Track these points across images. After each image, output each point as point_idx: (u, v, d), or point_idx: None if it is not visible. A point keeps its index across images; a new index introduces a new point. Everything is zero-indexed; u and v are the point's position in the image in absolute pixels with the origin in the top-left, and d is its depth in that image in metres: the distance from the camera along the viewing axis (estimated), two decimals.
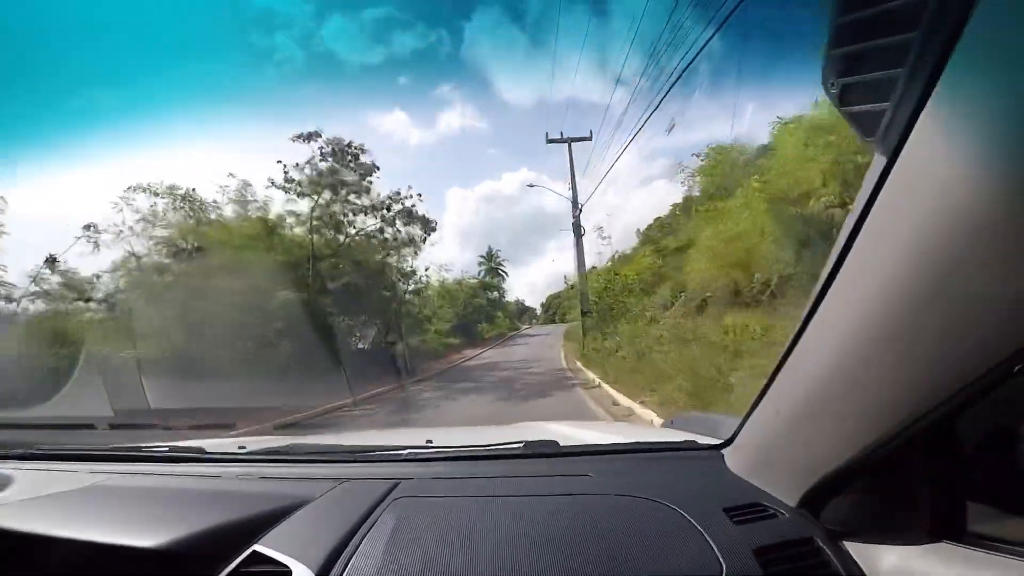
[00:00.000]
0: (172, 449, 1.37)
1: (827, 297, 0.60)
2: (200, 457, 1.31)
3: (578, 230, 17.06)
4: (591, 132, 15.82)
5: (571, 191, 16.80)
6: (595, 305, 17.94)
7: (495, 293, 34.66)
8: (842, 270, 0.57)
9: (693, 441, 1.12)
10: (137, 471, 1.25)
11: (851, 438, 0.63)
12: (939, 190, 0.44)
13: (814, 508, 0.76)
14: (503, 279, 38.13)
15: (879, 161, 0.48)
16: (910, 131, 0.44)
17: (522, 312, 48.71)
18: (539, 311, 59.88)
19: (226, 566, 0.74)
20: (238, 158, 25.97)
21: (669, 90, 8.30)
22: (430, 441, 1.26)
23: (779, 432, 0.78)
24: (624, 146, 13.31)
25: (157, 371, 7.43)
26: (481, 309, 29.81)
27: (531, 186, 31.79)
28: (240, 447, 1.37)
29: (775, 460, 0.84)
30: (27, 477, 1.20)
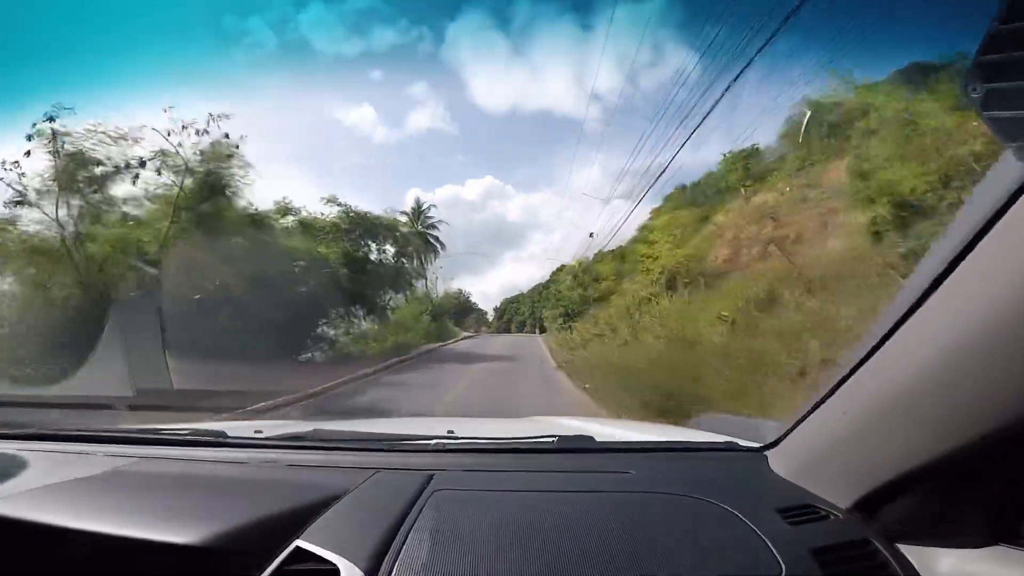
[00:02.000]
0: (193, 432, 1.34)
1: (927, 304, 0.59)
2: (222, 442, 1.26)
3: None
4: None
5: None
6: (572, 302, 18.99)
7: (407, 260, 17.72)
8: (951, 277, 0.56)
9: (734, 443, 1.13)
10: (157, 455, 1.20)
11: (929, 444, 0.63)
12: None
13: (868, 510, 0.77)
14: (436, 249, 25.97)
15: (1018, 168, 0.48)
16: None
17: (465, 311, 40.90)
18: (490, 316, 59.49)
19: (266, 562, 0.71)
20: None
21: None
22: (451, 431, 1.26)
23: (842, 435, 0.79)
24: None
25: (182, 351, 7.10)
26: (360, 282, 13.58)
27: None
28: (257, 431, 1.34)
29: (831, 462, 0.85)
30: (41, 460, 1.15)
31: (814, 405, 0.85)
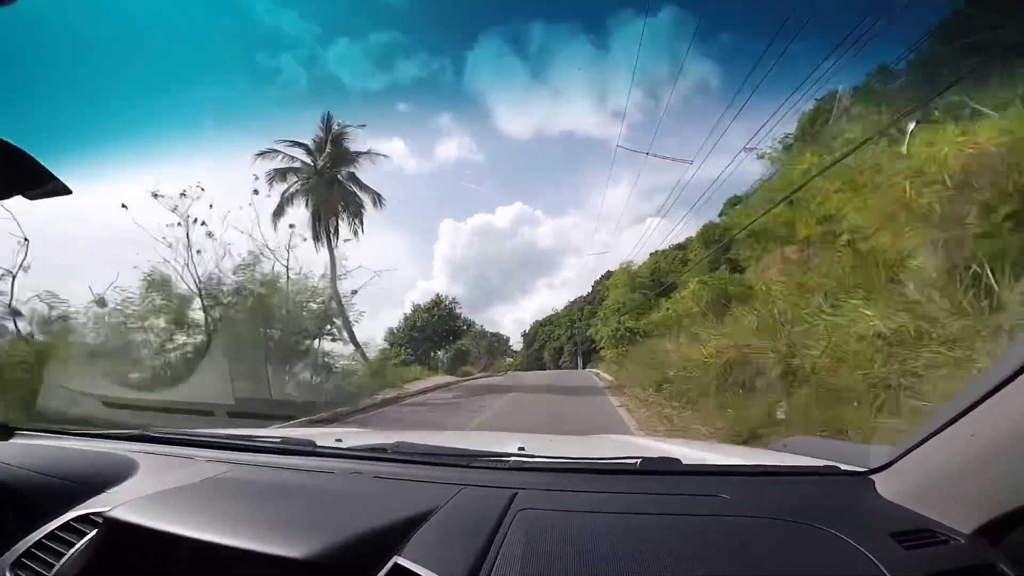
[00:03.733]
0: (284, 441, 1.38)
1: None
2: (310, 451, 1.31)
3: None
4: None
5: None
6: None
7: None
8: None
9: (835, 466, 1.08)
10: (252, 461, 1.27)
11: None
12: None
13: (992, 536, 0.74)
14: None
15: None
16: None
17: (483, 343, 36.03)
18: (518, 346, 51.58)
19: None
20: (238, 181, 25.03)
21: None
22: (522, 448, 1.26)
23: (969, 458, 0.76)
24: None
25: (281, 363, 9.36)
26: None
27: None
28: (337, 440, 1.40)
29: (953, 486, 0.81)
30: (148, 462, 1.24)
31: (937, 428, 0.82)
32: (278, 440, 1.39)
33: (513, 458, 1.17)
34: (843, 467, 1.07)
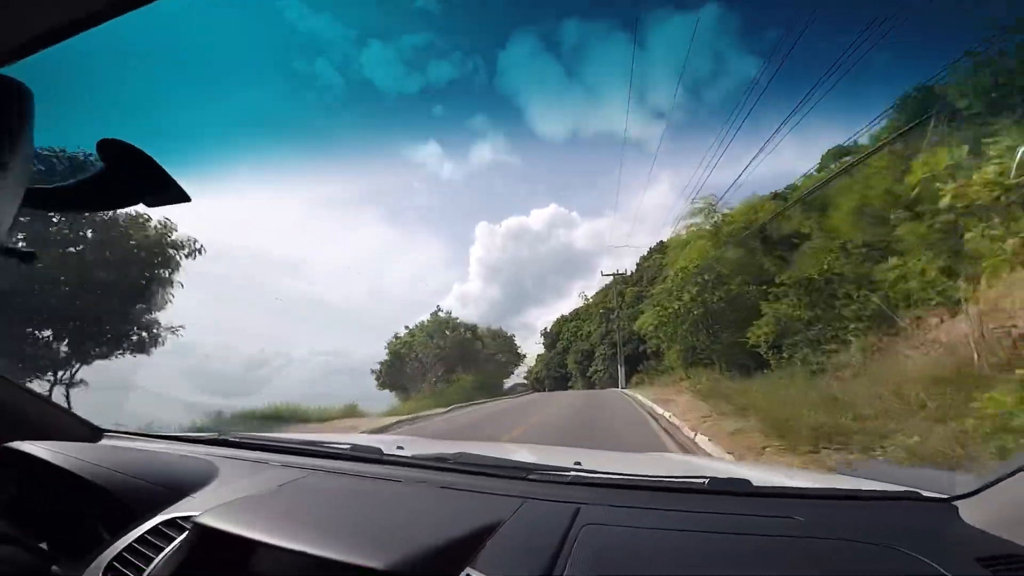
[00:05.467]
0: (354, 448, 1.42)
1: None
2: (378, 458, 1.35)
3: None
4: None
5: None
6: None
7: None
8: None
9: (915, 492, 1.06)
10: (323, 467, 1.32)
11: None
12: None
13: None
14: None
15: None
16: None
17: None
18: (539, 345, 41.48)
19: None
20: (282, 188, 25.00)
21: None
22: (578, 463, 1.26)
23: None
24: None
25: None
26: None
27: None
28: (399, 447, 1.44)
29: None
30: (225, 466, 1.28)
31: None
32: (347, 447, 1.44)
33: (573, 472, 1.18)
34: (925, 493, 1.04)
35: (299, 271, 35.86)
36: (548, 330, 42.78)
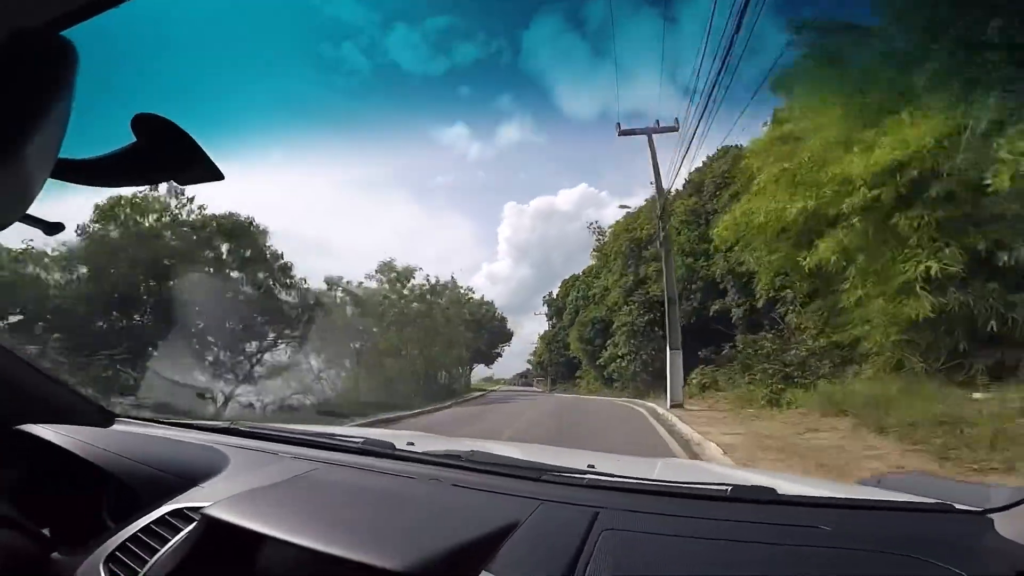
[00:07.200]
0: (366, 442, 1.39)
1: None
2: (390, 453, 1.32)
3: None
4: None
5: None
6: None
7: None
8: None
9: (947, 504, 1.02)
10: (335, 460, 1.29)
11: None
12: None
13: None
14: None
15: None
16: None
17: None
18: (541, 314, 31.13)
19: None
20: (313, 172, 26.84)
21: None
22: (592, 466, 1.23)
23: None
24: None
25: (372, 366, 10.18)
26: None
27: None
28: (409, 443, 1.41)
29: None
30: (236, 456, 1.26)
31: None
32: (360, 440, 1.41)
33: (589, 475, 1.15)
34: (957, 505, 1.00)
35: (329, 252, 34.55)
36: (554, 295, 29.99)
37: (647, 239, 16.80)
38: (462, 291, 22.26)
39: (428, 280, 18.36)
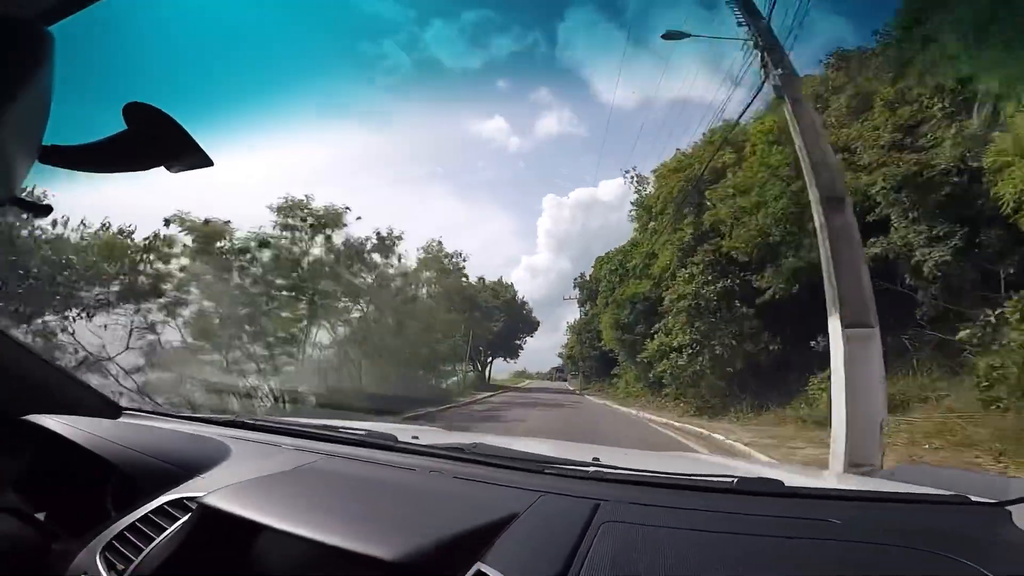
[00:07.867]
0: (369, 434, 1.41)
1: None
2: (392, 446, 1.33)
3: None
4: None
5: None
6: None
7: None
8: None
9: (963, 496, 1.00)
10: (337, 452, 1.30)
11: None
12: None
13: None
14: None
15: None
16: None
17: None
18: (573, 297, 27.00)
19: None
20: (357, 167, 24.16)
21: None
22: (597, 459, 1.23)
23: None
24: None
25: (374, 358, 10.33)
26: None
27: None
28: (414, 436, 1.42)
29: None
30: (238, 447, 1.28)
31: None
32: (362, 433, 1.43)
33: (593, 468, 1.15)
34: (973, 497, 0.98)
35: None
36: (586, 277, 25.23)
37: (714, 175, 11.62)
38: (447, 260, 17.67)
39: (381, 237, 13.53)
